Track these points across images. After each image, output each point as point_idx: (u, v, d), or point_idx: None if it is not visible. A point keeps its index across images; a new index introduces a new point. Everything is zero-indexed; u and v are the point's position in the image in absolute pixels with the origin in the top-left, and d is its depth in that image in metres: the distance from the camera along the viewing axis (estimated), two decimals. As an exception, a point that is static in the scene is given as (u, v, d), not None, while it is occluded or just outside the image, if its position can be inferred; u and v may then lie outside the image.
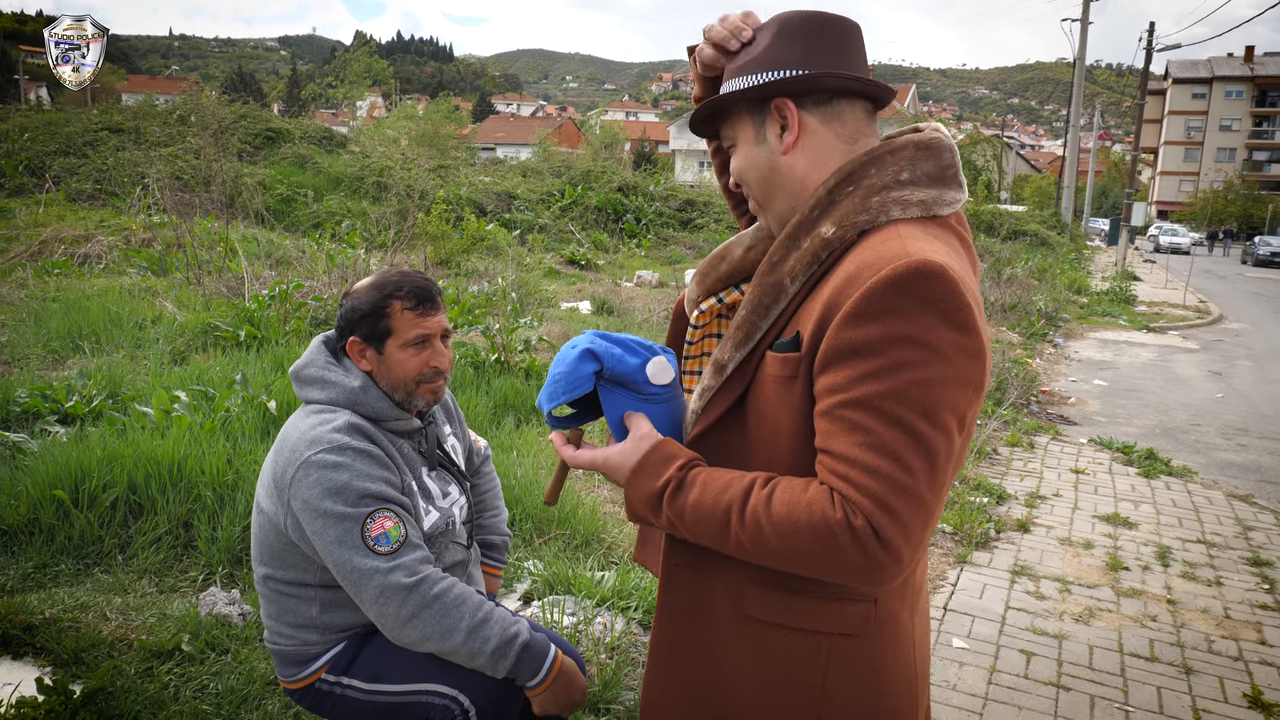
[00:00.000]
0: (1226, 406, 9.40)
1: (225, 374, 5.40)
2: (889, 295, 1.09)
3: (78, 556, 3.50)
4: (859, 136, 1.29)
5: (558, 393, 1.31)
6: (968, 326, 1.10)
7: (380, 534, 1.69)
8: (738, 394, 1.27)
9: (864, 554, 1.08)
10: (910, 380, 1.08)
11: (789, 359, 1.19)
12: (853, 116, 1.29)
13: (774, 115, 1.28)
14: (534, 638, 1.75)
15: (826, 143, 1.28)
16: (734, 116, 1.33)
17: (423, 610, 1.67)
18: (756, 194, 1.33)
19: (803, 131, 1.27)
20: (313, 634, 1.85)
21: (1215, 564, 4.69)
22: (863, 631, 1.26)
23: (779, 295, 1.23)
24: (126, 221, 12.07)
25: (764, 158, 1.30)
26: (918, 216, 1.22)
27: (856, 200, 1.22)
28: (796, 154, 1.28)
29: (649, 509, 1.26)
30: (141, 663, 2.84)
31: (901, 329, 1.08)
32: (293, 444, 1.76)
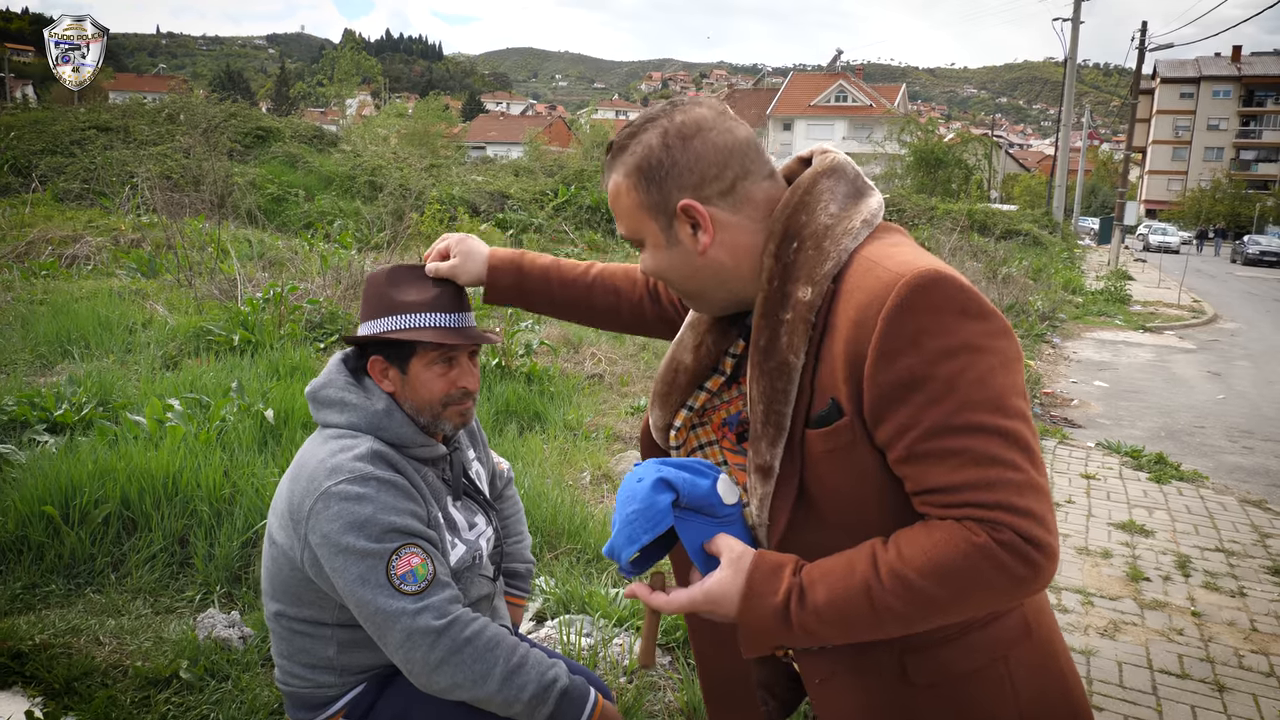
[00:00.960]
0: (1229, 408, 9.34)
1: (219, 380, 5.24)
2: (905, 320, 1.07)
3: (68, 576, 3.34)
4: (772, 203, 1.24)
5: (639, 533, 1.18)
6: (985, 311, 1.09)
7: (407, 572, 1.55)
8: (796, 488, 1.20)
9: (1025, 563, 1.06)
10: (967, 386, 1.06)
11: (837, 429, 1.14)
12: (760, 191, 1.23)
13: (681, 217, 1.22)
14: (573, 682, 1.62)
15: (744, 229, 1.22)
16: (634, 217, 1.26)
17: (453, 655, 1.54)
18: (683, 291, 1.29)
19: (717, 228, 1.22)
20: (329, 676, 1.71)
21: (1236, 574, 4.60)
22: (1026, 634, 1.24)
23: (790, 374, 1.17)
24: (115, 222, 11.87)
25: (680, 259, 1.25)
26: (866, 235, 1.20)
27: (810, 253, 1.18)
28: (715, 250, 1.23)
29: (776, 629, 1.15)
30: (137, 691, 2.70)
31: (932, 346, 1.06)
32: (310, 472, 1.62)
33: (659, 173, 1.21)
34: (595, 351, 7.49)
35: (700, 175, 1.20)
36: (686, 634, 3.07)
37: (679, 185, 1.20)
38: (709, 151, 1.21)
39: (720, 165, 1.21)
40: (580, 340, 7.84)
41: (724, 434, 1.37)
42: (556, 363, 6.96)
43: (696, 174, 1.20)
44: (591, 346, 7.66)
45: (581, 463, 5.01)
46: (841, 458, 1.14)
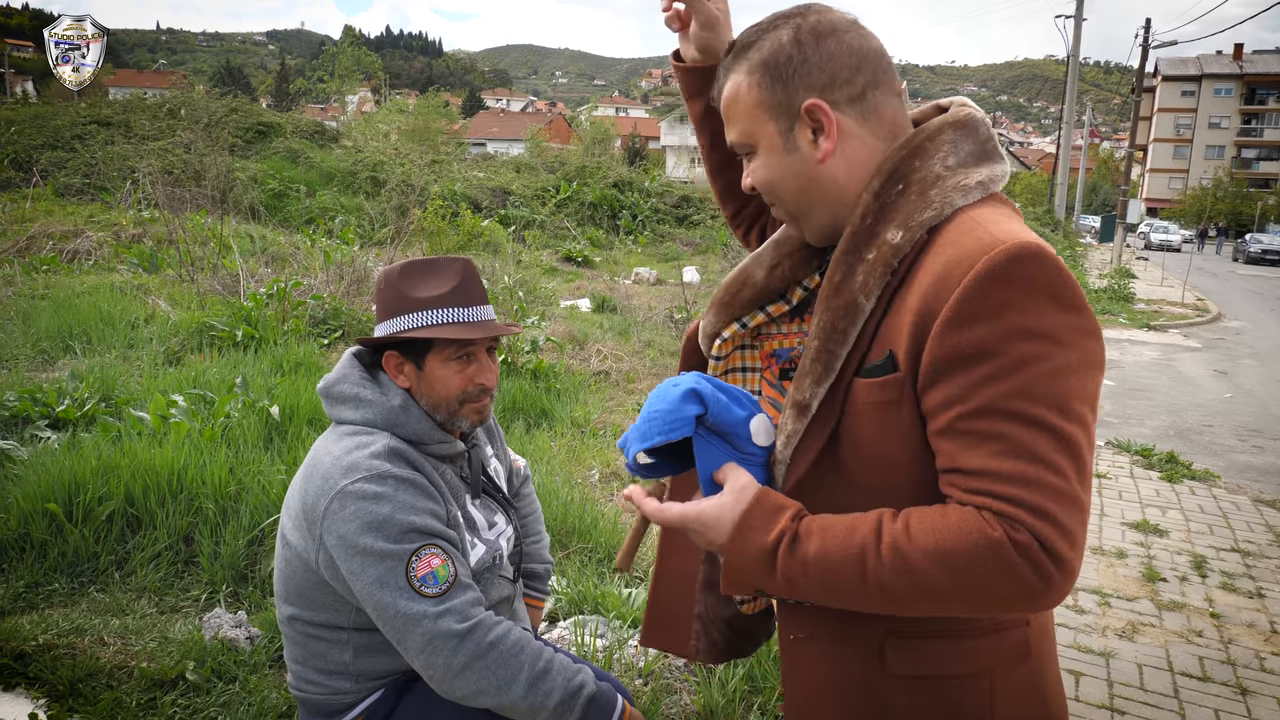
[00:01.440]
0: (1237, 407, 9.28)
1: (223, 376, 5.18)
2: (992, 289, 0.98)
3: (72, 574, 3.28)
4: (898, 128, 1.16)
5: (652, 432, 1.13)
6: (1079, 305, 1.01)
7: (427, 573, 1.49)
8: (828, 434, 1.11)
9: (1037, 572, 0.96)
10: (1035, 374, 0.98)
11: (887, 382, 1.06)
12: (889, 107, 1.15)
13: (804, 119, 1.13)
14: (600, 688, 1.56)
15: (866, 144, 1.14)
16: (751, 118, 1.16)
17: (477, 660, 1.47)
18: (790, 206, 1.19)
19: (841, 137, 1.13)
20: (345, 681, 1.65)
21: (1254, 574, 4.54)
22: (1024, 656, 1.14)
23: (854, 315, 1.09)
24: (116, 217, 11.80)
25: (797, 167, 1.15)
26: (980, 199, 1.11)
27: (913, 198, 1.10)
28: (835, 161, 1.14)
29: (760, 569, 1.08)
30: (143, 693, 2.64)
31: (1013, 322, 0.98)
32: (325, 471, 1.56)
33: (787, 69, 1.12)
34: (601, 348, 7.43)
35: (831, 76, 1.12)
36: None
37: (807, 84, 1.12)
38: (843, 52, 1.12)
39: (853, 69, 1.12)
40: (586, 337, 7.78)
41: (769, 364, 1.30)
42: (562, 359, 6.90)
43: (827, 74, 1.12)
44: (597, 343, 7.60)
45: (590, 460, 4.95)
46: (883, 414, 1.07)
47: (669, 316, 9.27)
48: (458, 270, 1.68)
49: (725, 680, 2.80)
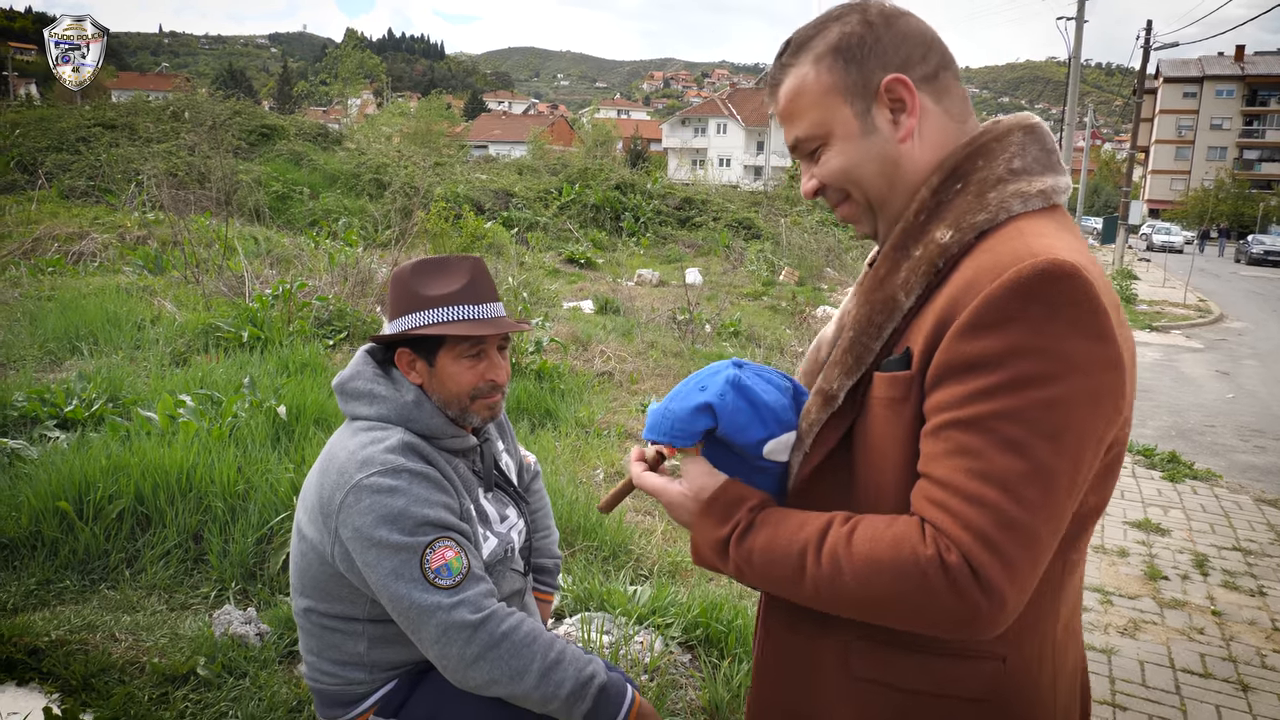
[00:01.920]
0: (1239, 407, 9.30)
1: (230, 377, 5.21)
2: (1011, 302, 0.95)
3: (83, 572, 3.31)
4: (967, 114, 1.15)
5: (661, 430, 1.19)
6: (1102, 334, 0.96)
7: (441, 565, 1.52)
8: (847, 425, 1.12)
9: (959, 597, 0.94)
10: (1034, 399, 0.94)
11: (898, 378, 1.05)
12: (958, 90, 1.15)
13: (882, 98, 1.10)
14: (611, 679, 1.59)
15: (942, 124, 1.12)
16: (822, 105, 1.12)
17: (490, 650, 1.50)
18: (871, 192, 1.14)
19: (921, 114, 1.11)
20: (359, 672, 1.68)
21: (1255, 572, 4.56)
22: (990, 696, 1.08)
23: (892, 311, 1.08)
24: (121, 219, 11.84)
25: (877, 149, 1.11)
26: (1039, 208, 1.07)
27: (970, 198, 1.07)
28: (915, 140, 1.11)
29: (716, 556, 1.13)
30: (155, 688, 2.67)
31: (1025, 340, 0.94)
32: (341, 465, 1.59)
33: (861, 50, 1.10)
34: (604, 349, 7.45)
35: (906, 55, 1.11)
36: (706, 633, 3.05)
37: (883, 64, 1.10)
38: (914, 32, 1.12)
39: (926, 47, 1.12)
40: (589, 338, 7.81)
41: None
42: (566, 360, 6.93)
43: (903, 53, 1.11)
44: (600, 344, 7.63)
45: (595, 460, 4.98)
46: (892, 411, 1.06)
47: (672, 318, 9.30)
48: (469, 268, 1.71)
49: (730, 676, 2.83)
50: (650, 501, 4.55)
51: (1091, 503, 1.07)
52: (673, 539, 4.09)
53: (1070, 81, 35.35)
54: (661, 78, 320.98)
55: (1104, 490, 1.09)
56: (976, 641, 1.07)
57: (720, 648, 3.02)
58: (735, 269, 15.71)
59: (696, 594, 3.30)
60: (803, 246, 16.93)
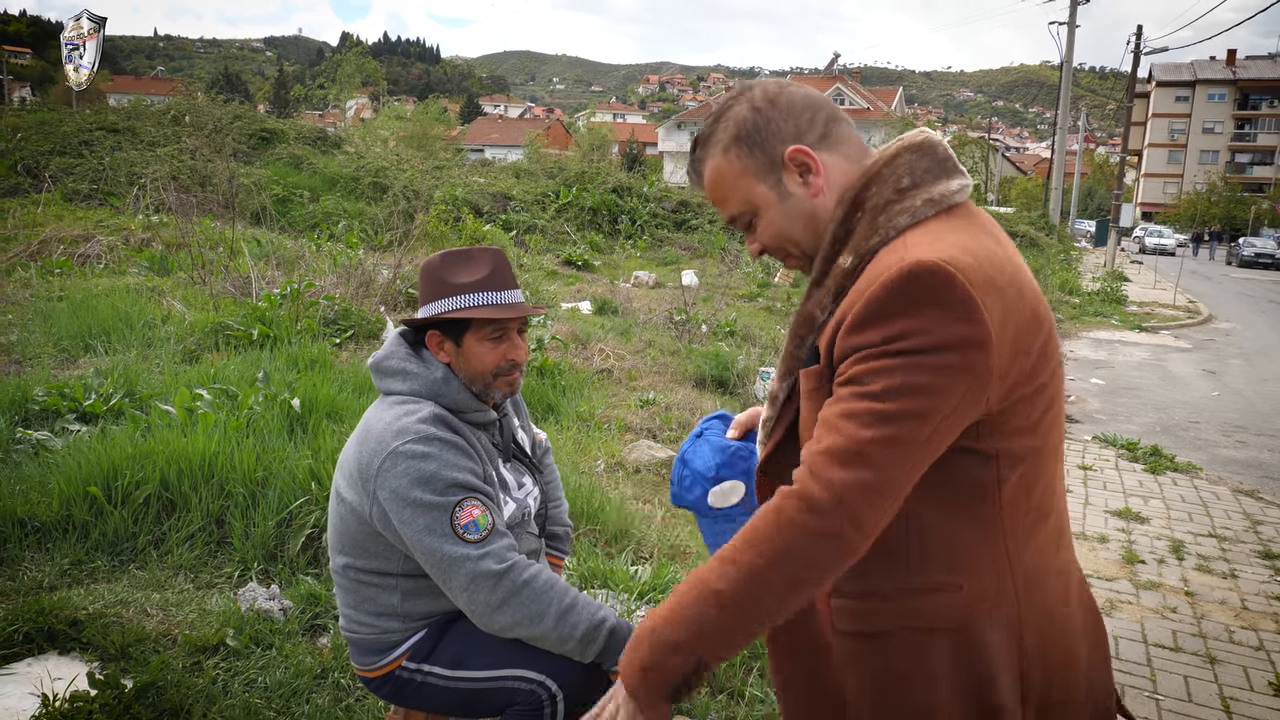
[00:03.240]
0: (1223, 404, 9.52)
1: (243, 372, 5.40)
2: (884, 300, 1.14)
3: (112, 553, 3.50)
4: (864, 154, 1.32)
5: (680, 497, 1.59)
6: (969, 315, 1.12)
7: (469, 522, 1.72)
8: (790, 419, 1.34)
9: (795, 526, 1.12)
10: (900, 363, 1.12)
11: (811, 372, 1.26)
12: (850, 137, 1.33)
13: (789, 167, 1.29)
14: (620, 623, 1.78)
15: (844, 169, 1.30)
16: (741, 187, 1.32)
17: (513, 596, 1.70)
18: (805, 246, 1.33)
19: (825, 169, 1.29)
20: (393, 622, 1.87)
21: (1228, 557, 4.76)
22: (953, 625, 1.23)
23: (810, 325, 1.29)
24: (125, 221, 12.01)
25: (796, 209, 1.30)
26: (932, 215, 1.24)
27: (865, 224, 1.25)
28: (826, 193, 1.29)
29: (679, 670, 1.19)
30: (188, 657, 2.85)
31: (898, 326, 1.12)
32: (378, 434, 1.79)
33: (758, 135, 1.29)
34: (604, 347, 7.65)
35: (796, 126, 1.29)
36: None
37: (780, 139, 1.28)
38: (796, 103, 1.30)
39: (811, 112, 1.30)
40: (588, 337, 8.00)
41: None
42: (566, 357, 7.12)
43: (793, 124, 1.29)
44: (599, 343, 7.82)
45: (596, 451, 5.17)
46: (811, 399, 1.26)
47: (669, 318, 9.49)
48: (491, 259, 1.91)
49: (726, 646, 3.02)
50: (650, 489, 4.74)
51: (1012, 451, 1.23)
52: (671, 524, 4.28)
53: (1063, 86, 35.66)
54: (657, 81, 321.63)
55: (1044, 433, 1.26)
56: (930, 575, 1.22)
57: (717, 621, 3.20)
58: (730, 271, 15.89)
59: (694, 572, 3.49)
60: (797, 249, 17.09)
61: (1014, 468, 1.24)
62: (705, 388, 7.04)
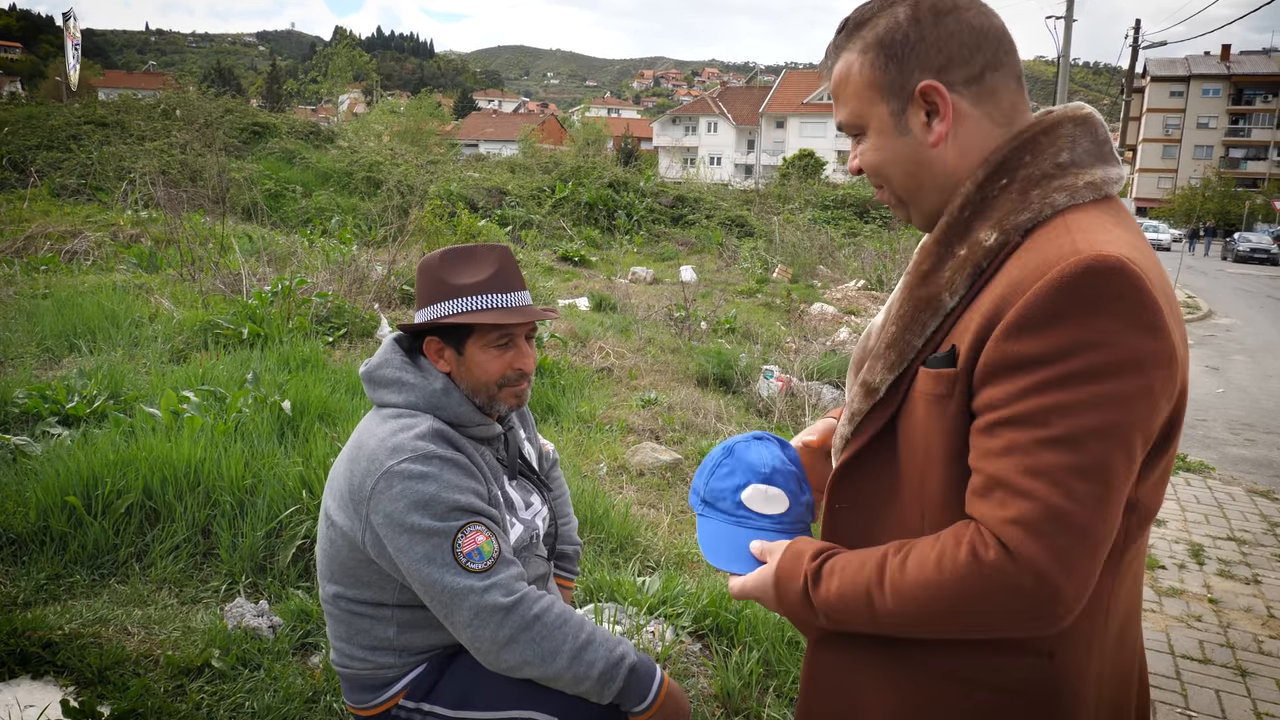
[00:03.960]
0: (1229, 401, 9.40)
1: (232, 373, 5.22)
2: (1057, 300, 0.95)
3: (92, 566, 3.32)
4: (1015, 114, 1.12)
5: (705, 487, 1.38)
6: (1153, 327, 0.95)
7: (473, 550, 1.55)
8: (888, 417, 1.14)
9: (1009, 591, 0.95)
10: (1084, 395, 0.94)
11: (943, 375, 1.06)
12: (1007, 91, 1.12)
13: (918, 101, 1.10)
14: (640, 659, 1.61)
15: (981, 128, 1.11)
16: (862, 98, 1.14)
17: (523, 632, 1.53)
18: (899, 190, 1.17)
19: (956, 119, 1.10)
20: (389, 656, 1.70)
21: (1250, 561, 4.62)
22: (1030, 690, 1.08)
23: (936, 310, 1.09)
24: (114, 217, 11.80)
25: (908, 151, 1.13)
26: (1089, 200, 1.05)
27: (1014, 196, 1.06)
28: (948, 145, 1.11)
29: (807, 613, 1.15)
30: (170, 680, 2.68)
31: (1073, 337, 0.94)
32: (371, 452, 1.61)
33: (903, 48, 1.10)
34: (603, 345, 7.48)
35: (948, 56, 1.09)
36: (716, 622, 3.08)
37: (922, 65, 1.09)
38: (962, 31, 1.09)
39: (972, 48, 1.09)
40: (587, 334, 7.83)
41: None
42: (566, 356, 6.95)
43: (945, 54, 1.09)
44: (599, 341, 7.65)
45: (597, 454, 5.00)
46: (936, 406, 1.06)
47: (668, 315, 9.33)
48: (496, 257, 1.73)
49: (741, 664, 2.86)
50: (655, 493, 4.58)
51: (1146, 503, 1.07)
52: (678, 530, 4.12)
53: (1060, 80, 35.51)
54: (651, 76, 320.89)
55: (1159, 491, 1.09)
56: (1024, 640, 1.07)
57: (730, 636, 3.05)
58: (728, 266, 15.76)
59: (705, 584, 3.33)
60: (795, 244, 16.98)
61: (1140, 527, 1.08)
62: (708, 386, 6.88)
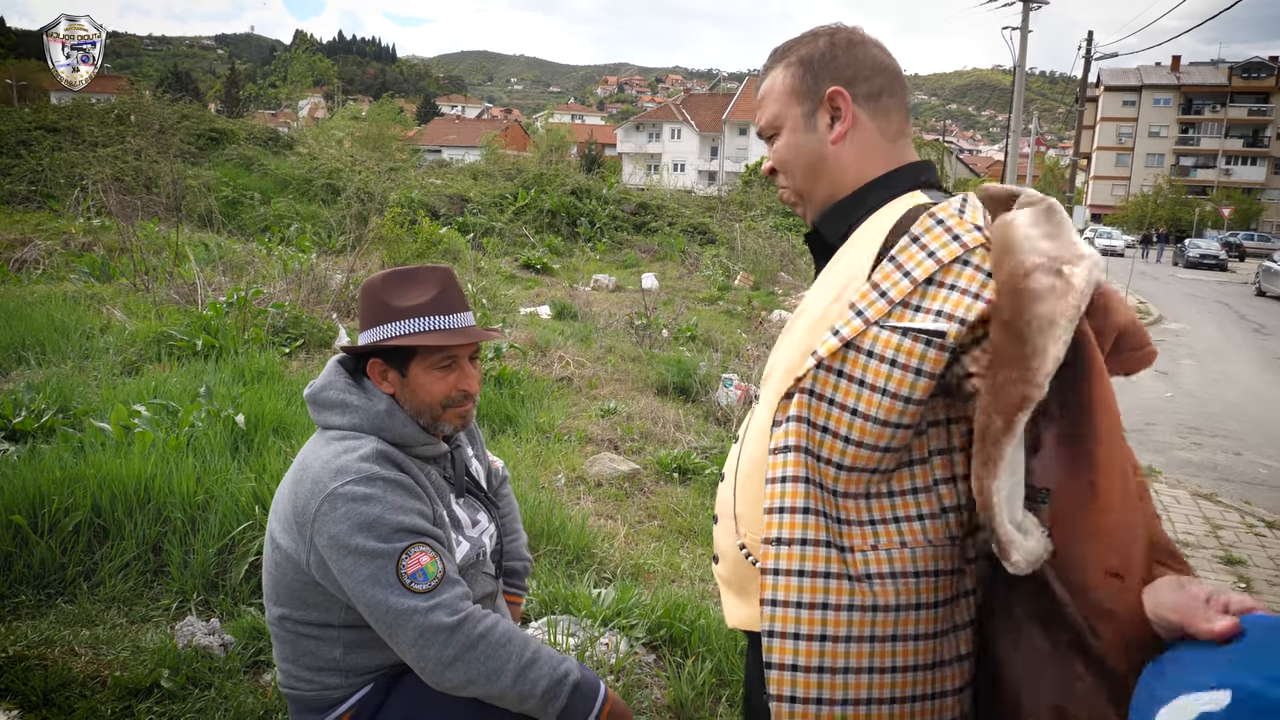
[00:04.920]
0: (1177, 406, 9.64)
1: (185, 386, 5.15)
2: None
3: (38, 586, 3.26)
4: (899, 136, 1.37)
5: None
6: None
7: (417, 570, 1.56)
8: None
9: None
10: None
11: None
12: (898, 116, 1.37)
13: (825, 105, 1.34)
14: (585, 676, 1.64)
15: (873, 139, 1.34)
16: (782, 102, 1.37)
17: (467, 651, 1.54)
18: (799, 183, 1.39)
19: (854, 124, 1.34)
20: (335, 677, 1.70)
21: (1191, 563, 4.74)
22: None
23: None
24: (65, 225, 11.58)
25: (812, 146, 1.36)
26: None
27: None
28: (845, 145, 1.34)
29: None
30: (118, 702, 2.65)
31: None
32: (315, 474, 1.62)
33: (819, 63, 1.35)
34: (563, 355, 7.49)
35: (855, 73, 1.34)
36: (670, 633, 3.11)
37: (833, 76, 1.34)
38: (868, 58, 1.35)
39: (874, 71, 1.35)
40: (547, 343, 7.83)
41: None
42: (525, 365, 6.95)
43: (852, 70, 1.34)
44: (559, 350, 7.66)
45: (556, 465, 5.01)
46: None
47: (629, 322, 9.36)
48: (439, 279, 1.75)
49: (694, 674, 2.89)
50: (613, 504, 4.60)
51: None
52: (635, 541, 4.15)
53: (1015, 90, 36.13)
54: (615, 83, 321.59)
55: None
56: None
57: (684, 647, 3.08)
58: (691, 274, 15.83)
59: (660, 595, 3.36)
60: (757, 251, 17.11)
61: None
62: (667, 395, 6.91)
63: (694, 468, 5.13)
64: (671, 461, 5.13)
